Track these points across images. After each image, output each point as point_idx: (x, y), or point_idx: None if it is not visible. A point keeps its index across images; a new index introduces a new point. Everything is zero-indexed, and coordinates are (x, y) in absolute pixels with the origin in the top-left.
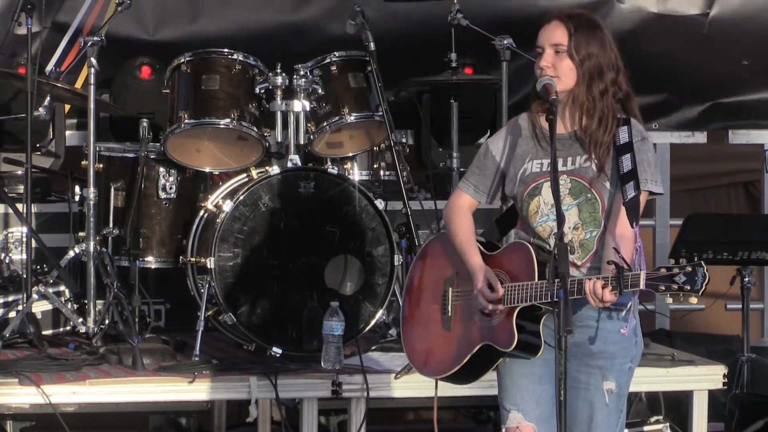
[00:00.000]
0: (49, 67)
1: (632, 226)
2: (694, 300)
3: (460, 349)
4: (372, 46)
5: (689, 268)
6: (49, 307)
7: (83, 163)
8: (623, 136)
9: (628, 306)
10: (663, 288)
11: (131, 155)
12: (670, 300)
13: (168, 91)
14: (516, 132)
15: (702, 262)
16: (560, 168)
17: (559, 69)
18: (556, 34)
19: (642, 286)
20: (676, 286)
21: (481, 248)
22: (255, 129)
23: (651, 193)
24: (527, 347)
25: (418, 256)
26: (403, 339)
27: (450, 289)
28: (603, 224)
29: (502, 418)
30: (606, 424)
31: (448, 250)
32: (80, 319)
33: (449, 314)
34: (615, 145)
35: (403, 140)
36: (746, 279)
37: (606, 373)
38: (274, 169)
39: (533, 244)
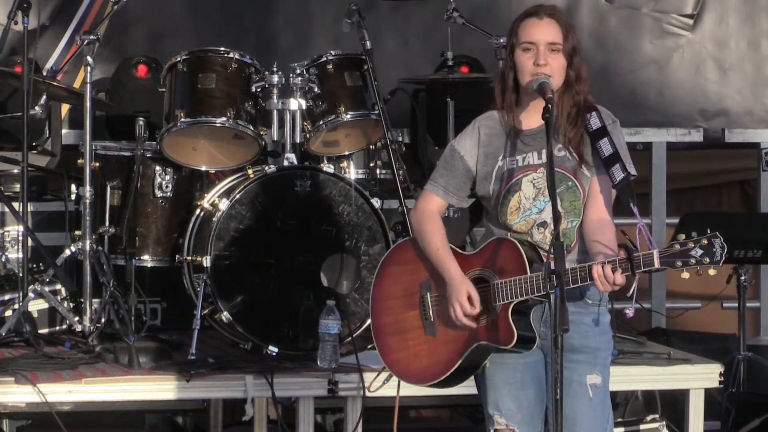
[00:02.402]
0: (48, 65)
1: (631, 207)
2: (713, 272)
3: (452, 352)
4: (368, 44)
5: (705, 241)
6: (46, 305)
7: (79, 161)
8: (594, 121)
9: (605, 298)
10: (680, 264)
11: (127, 154)
12: (686, 275)
13: (164, 89)
14: (484, 131)
15: (717, 233)
16: (536, 161)
17: (553, 68)
18: (552, 33)
19: (656, 264)
20: (693, 260)
21: (458, 250)
22: (251, 128)
23: (628, 175)
24: (523, 341)
25: (380, 267)
26: (381, 353)
27: (428, 294)
28: (583, 213)
29: (488, 422)
30: (592, 419)
31: (416, 256)
32: (76, 318)
33: (431, 319)
34: (588, 131)
35: (399, 139)
36: (743, 278)
37: (591, 368)
38: (270, 168)
39: (515, 239)
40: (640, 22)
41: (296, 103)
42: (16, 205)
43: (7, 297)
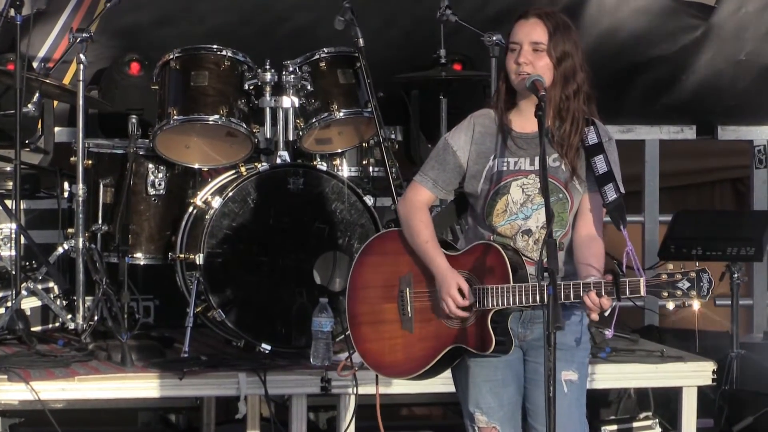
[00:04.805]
0: (40, 54)
1: (620, 229)
2: (698, 303)
3: (428, 350)
4: (361, 42)
5: (693, 274)
6: (38, 303)
7: (72, 159)
8: (591, 136)
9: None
10: (666, 294)
11: (120, 151)
12: (671, 306)
13: (157, 87)
14: (479, 128)
15: (705, 268)
16: (527, 167)
17: (537, 67)
18: (535, 32)
19: (642, 293)
20: (680, 293)
21: (442, 250)
22: (244, 125)
23: (621, 196)
24: (501, 347)
25: (360, 255)
26: (354, 341)
27: (407, 289)
28: (569, 225)
29: (468, 419)
30: (567, 414)
31: (397, 248)
32: (69, 316)
33: (409, 315)
34: (584, 145)
35: (392, 136)
36: (735, 275)
37: (567, 365)
38: (263, 166)
39: (499, 244)
40: (656, 10)
41: (289, 101)
42: (8, 202)
43: None
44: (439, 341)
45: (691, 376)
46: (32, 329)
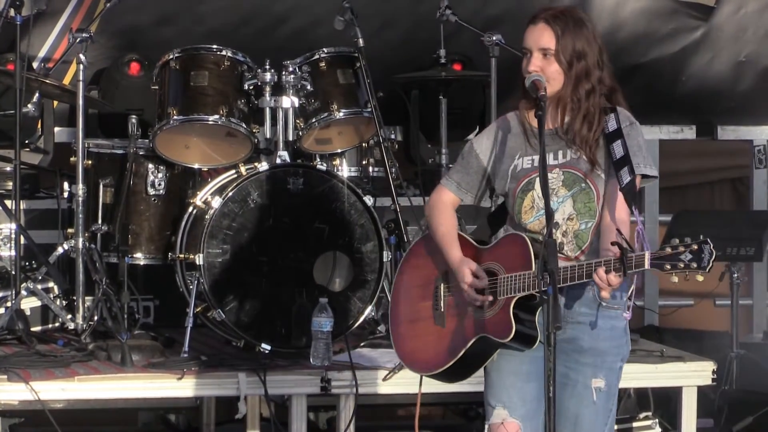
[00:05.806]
0: (41, 54)
1: (631, 210)
2: (700, 278)
3: (455, 343)
4: (361, 42)
5: (695, 246)
6: (38, 303)
7: (72, 159)
8: (611, 124)
9: (624, 303)
10: (669, 267)
11: (120, 152)
12: (675, 279)
13: (156, 87)
14: (504, 129)
15: (708, 239)
16: (551, 162)
17: (547, 73)
18: (543, 38)
19: (647, 266)
20: (682, 264)
21: (474, 242)
22: (244, 125)
23: (645, 177)
24: (524, 338)
25: (405, 258)
26: (393, 341)
27: (441, 285)
28: (598, 215)
29: (487, 414)
30: (593, 422)
31: (436, 249)
32: (69, 316)
33: (441, 310)
34: (604, 134)
35: (392, 136)
36: (735, 275)
37: (596, 371)
38: (263, 166)
39: (529, 237)
40: (656, 10)
41: (289, 101)
42: (8, 203)
43: None
44: (466, 333)
45: (690, 376)
46: (32, 329)
